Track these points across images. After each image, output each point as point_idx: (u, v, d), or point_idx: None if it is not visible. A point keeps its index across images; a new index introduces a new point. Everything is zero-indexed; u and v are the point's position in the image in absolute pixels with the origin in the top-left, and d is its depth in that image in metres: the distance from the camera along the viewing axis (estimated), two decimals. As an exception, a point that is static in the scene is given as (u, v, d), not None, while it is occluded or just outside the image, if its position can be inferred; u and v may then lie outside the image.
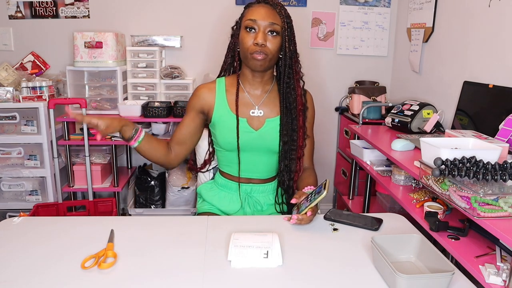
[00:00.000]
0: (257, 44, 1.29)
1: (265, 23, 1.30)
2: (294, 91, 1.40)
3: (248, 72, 1.40)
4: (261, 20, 1.30)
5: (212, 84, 1.44)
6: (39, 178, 2.41)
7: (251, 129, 1.40)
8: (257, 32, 1.31)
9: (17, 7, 2.63)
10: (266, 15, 1.31)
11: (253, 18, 1.31)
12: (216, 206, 1.49)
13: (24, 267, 0.96)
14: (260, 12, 1.31)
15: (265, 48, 1.30)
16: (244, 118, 1.40)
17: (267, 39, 1.31)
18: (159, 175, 2.74)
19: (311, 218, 1.18)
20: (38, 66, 2.68)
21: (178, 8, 2.70)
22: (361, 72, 2.87)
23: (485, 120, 1.74)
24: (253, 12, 1.32)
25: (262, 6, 1.33)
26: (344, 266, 0.99)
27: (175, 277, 0.93)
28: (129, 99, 2.56)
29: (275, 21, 1.31)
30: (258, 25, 1.30)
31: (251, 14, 1.32)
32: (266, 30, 1.31)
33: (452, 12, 2.12)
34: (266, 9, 1.32)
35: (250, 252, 0.99)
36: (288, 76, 1.39)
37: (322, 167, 3.02)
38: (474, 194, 1.08)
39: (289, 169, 1.44)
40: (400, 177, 1.73)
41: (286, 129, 1.40)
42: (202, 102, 1.42)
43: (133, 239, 1.11)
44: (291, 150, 1.42)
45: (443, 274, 0.86)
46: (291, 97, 1.40)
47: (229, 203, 1.47)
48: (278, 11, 1.33)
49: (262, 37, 1.30)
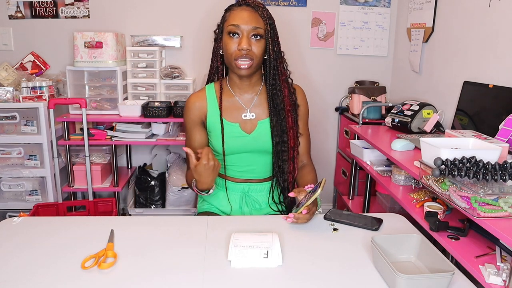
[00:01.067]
0: (241, 49, 1.28)
1: (248, 27, 1.28)
2: (280, 92, 1.39)
3: (235, 77, 1.38)
4: (244, 24, 1.28)
5: (201, 92, 1.44)
6: (39, 178, 2.41)
7: (244, 133, 1.40)
8: (241, 37, 1.29)
9: (17, 7, 2.62)
10: (249, 19, 1.29)
11: (236, 23, 1.29)
12: (215, 206, 1.50)
13: (24, 267, 0.96)
14: (242, 16, 1.29)
15: (250, 53, 1.29)
16: (237, 123, 1.40)
17: (251, 44, 1.29)
18: (159, 175, 2.74)
19: (308, 217, 1.17)
20: (38, 66, 2.68)
21: (178, 8, 2.70)
22: (361, 72, 2.87)
23: (485, 120, 1.74)
24: (235, 16, 1.30)
25: (244, 9, 1.31)
26: (344, 266, 0.99)
27: (175, 277, 0.93)
28: (129, 99, 2.56)
29: (258, 24, 1.29)
30: (241, 30, 1.28)
31: (233, 19, 1.30)
32: (250, 35, 1.29)
33: (452, 12, 2.12)
34: (248, 12, 1.30)
35: (250, 252, 0.99)
36: (273, 78, 1.37)
37: (322, 167, 3.02)
38: (474, 194, 1.08)
39: (283, 171, 1.43)
40: (400, 177, 1.73)
41: (277, 131, 1.40)
42: (198, 113, 1.41)
43: (133, 239, 1.11)
44: (283, 151, 1.41)
45: (443, 274, 0.86)
46: (278, 99, 1.39)
47: (228, 203, 1.48)
48: (260, 13, 1.31)
49: (246, 42, 1.28)
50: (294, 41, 2.76)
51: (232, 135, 1.39)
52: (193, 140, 1.43)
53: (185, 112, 1.44)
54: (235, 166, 1.44)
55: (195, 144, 1.43)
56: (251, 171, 1.45)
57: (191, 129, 1.44)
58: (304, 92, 1.50)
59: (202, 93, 1.43)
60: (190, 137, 1.44)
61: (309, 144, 1.52)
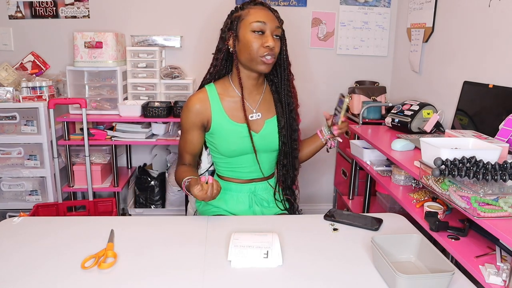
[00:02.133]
0: (268, 46, 1.29)
1: (273, 26, 1.31)
2: (290, 92, 1.43)
3: (244, 76, 1.38)
4: (269, 22, 1.31)
5: (203, 94, 1.40)
6: (39, 178, 2.41)
7: (252, 133, 1.40)
8: (266, 35, 1.30)
9: (17, 7, 2.62)
10: (272, 18, 1.32)
11: (262, 20, 1.30)
12: (222, 208, 1.47)
13: (24, 267, 0.96)
14: (266, 15, 1.31)
15: (274, 50, 1.32)
16: (244, 123, 1.39)
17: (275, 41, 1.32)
18: (159, 175, 2.74)
19: (347, 124, 1.43)
20: (38, 66, 2.68)
21: (178, 8, 2.70)
22: (361, 72, 2.87)
23: (485, 120, 1.74)
24: (258, 14, 1.31)
25: (263, 9, 1.33)
26: (344, 266, 0.99)
27: (175, 277, 0.93)
28: (129, 99, 2.56)
29: (279, 24, 1.34)
30: (267, 27, 1.30)
31: (258, 16, 1.31)
32: (274, 34, 1.32)
33: (452, 12, 2.12)
34: (269, 12, 1.33)
35: (250, 252, 0.99)
36: (287, 78, 1.42)
37: (322, 167, 3.02)
38: (474, 194, 1.08)
39: (293, 167, 1.48)
40: (400, 177, 1.73)
41: (286, 130, 1.43)
42: (201, 116, 1.38)
43: (133, 239, 1.11)
44: (294, 150, 1.46)
45: (443, 274, 0.86)
46: (289, 99, 1.43)
47: (237, 204, 1.46)
48: (276, 15, 1.35)
49: (272, 40, 1.30)
50: (294, 41, 2.76)
51: (240, 135, 1.39)
52: (189, 142, 1.42)
53: (184, 113, 1.40)
54: (241, 167, 1.44)
55: (190, 146, 1.43)
56: (256, 170, 1.45)
57: (188, 131, 1.41)
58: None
59: (204, 95, 1.39)
60: (187, 138, 1.42)
61: None
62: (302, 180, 2.99)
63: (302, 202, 2.99)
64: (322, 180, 3.06)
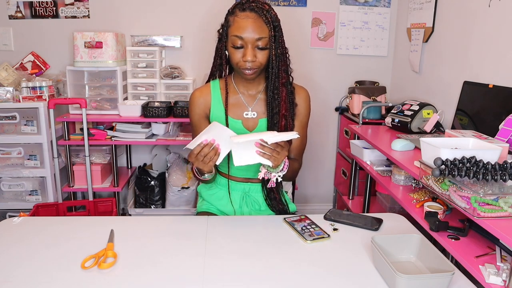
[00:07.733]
0: (246, 61, 1.28)
1: (253, 38, 1.26)
2: (278, 95, 1.36)
3: (238, 75, 1.40)
4: (248, 36, 1.26)
5: (206, 88, 1.44)
6: (39, 178, 2.41)
7: (246, 131, 1.41)
8: (245, 49, 1.27)
9: (17, 7, 2.62)
10: (253, 29, 1.25)
11: (239, 34, 1.26)
12: (214, 206, 1.50)
13: (24, 267, 0.96)
14: (246, 27, 1.26)
15: (255, 63, 1.29)
16: (239, 120, 1.40)
17: (256, 54, 1.28)
18: (159, 175, 2.74)
19: (279, 152, 1.20)
20: (38, 66, 2.68)
21: (178, 8, 2.70)
22: (361, 72, 2.87)
23: (485, 120, 1.74)
24: (238, 26, 1.27)
25: (247, 16, 1.27)
26: (344, 266, 0.99)
27: (175, 277, 0.93)
28: (129, 99, 2.56)
29: (262, 33, 1.26)
30: (245, 42, 1.27)
31: (236, 29, 1.27)
32: (254, 46, 1.27)
33: (452, 12, 2.12)
34: (252, 21, 1.26)
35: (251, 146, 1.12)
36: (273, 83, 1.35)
37: (322, 167, 3.02)
38: (474, 194, 1.08)
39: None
40: (400, 177, 1.73)
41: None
42: (203, 107, 1.42)
43: (133, 239, 1.11)
44: None
45: (443, 274, 0.86)
46: (275, 102, 1.37)
47: (227, 203, 1.47)
48: (265, 18, 1.27)
49: (251, 54, 1.27)
50: (294, 41, 2.76)
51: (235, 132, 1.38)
52: None
53: (190, 108, 1.44)
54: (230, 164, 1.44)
55: None
56: (251, 168, 1.45)
57: (197, 123, 1.43)
58: (307, 93, 1.46)
59: (207, 88, 1.43)
60: (197, 132, 1.41)
61: (303, 146, 1.48)
62: (302, 180, 3.01)
63: (302, 202, 3.02)
64: (322, 180, 3.06)
